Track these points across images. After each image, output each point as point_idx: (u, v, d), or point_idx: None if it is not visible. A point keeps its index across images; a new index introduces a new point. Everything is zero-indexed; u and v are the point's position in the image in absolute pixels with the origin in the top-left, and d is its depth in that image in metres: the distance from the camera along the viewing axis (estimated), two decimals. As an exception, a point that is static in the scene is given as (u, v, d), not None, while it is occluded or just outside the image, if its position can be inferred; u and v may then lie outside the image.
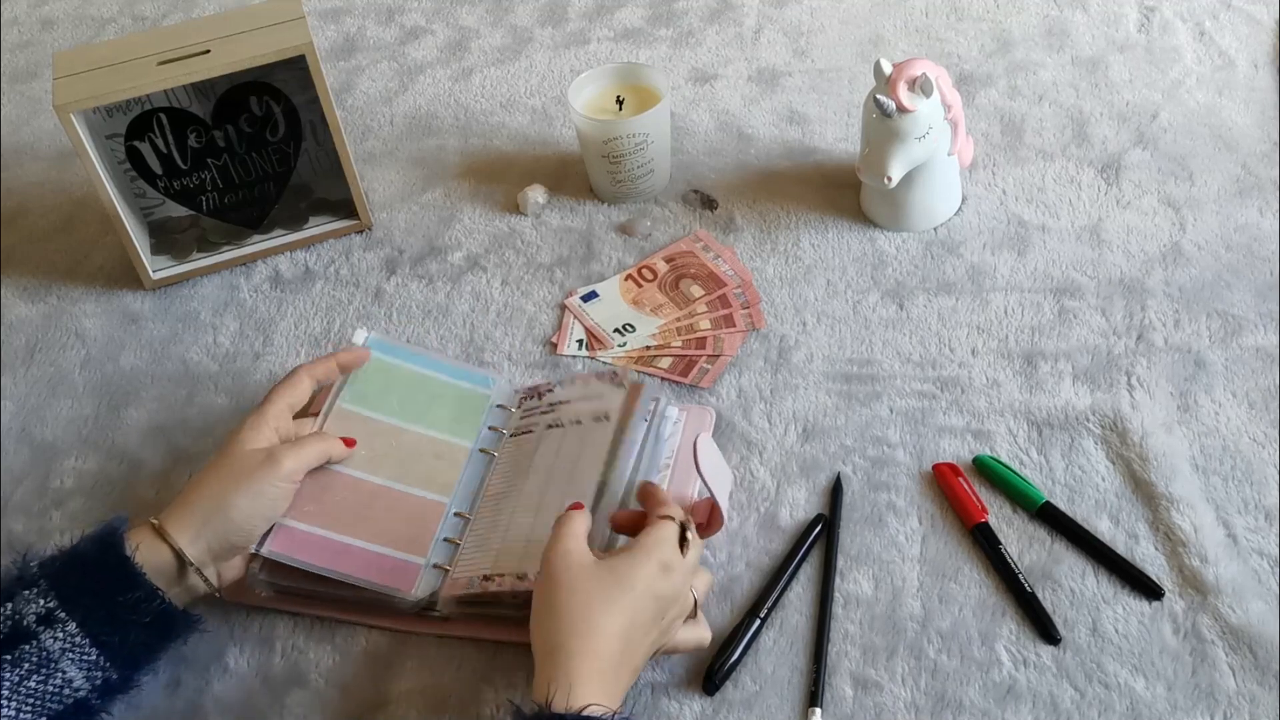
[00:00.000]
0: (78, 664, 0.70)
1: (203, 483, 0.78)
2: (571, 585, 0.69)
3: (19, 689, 0.68)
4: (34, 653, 0.69)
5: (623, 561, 0.71)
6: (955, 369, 0.95)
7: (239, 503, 0.77)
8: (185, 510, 0.77)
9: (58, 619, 0.70)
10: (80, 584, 0.72)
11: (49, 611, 0.70)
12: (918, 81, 0.98)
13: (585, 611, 0.68)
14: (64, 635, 0.70)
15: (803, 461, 0.90)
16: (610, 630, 0.68)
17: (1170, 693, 0.73)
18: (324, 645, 0.82)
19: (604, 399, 0.88)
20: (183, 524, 0.76)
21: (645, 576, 0.70)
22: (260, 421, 0.82)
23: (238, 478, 0.78)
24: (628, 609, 0.69)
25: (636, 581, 0.70)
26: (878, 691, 0.76)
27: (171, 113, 1.09)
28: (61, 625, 0.70)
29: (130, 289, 1.13)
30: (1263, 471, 0.85)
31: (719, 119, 1.25)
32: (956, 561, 0.82)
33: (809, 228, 1.10)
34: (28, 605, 0.70)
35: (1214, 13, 1.31)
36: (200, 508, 0.77)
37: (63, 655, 0.69)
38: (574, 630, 0.67)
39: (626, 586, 0.69)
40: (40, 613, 0.70)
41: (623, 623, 0.68)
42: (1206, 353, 0.93)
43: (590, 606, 0.68)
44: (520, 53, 1.40)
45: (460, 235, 1.15)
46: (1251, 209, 1.06)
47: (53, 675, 0.69)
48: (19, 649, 0.68)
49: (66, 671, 0.69)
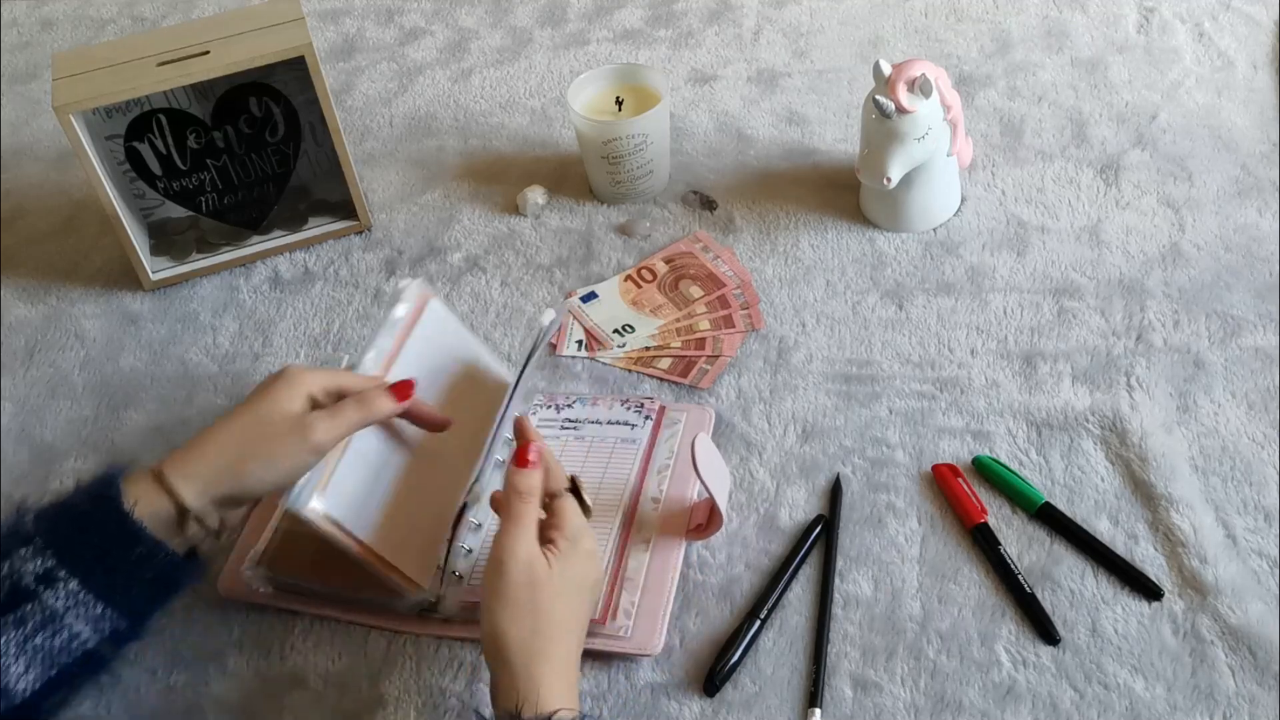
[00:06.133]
0: (83, 618, 0.67)
1: (221, 436, 0.73)
2: (533, 596, 0.69)
3: (25, 646, 0.66)
4: (37, 611, 0.66)
5: (561, 564, 0.71)
6: (954, 369, 0.95)
7: (254, 468, 0.72)
8: (196, 459, 0.72)
9: (58, 578, 0.67)
10: (79, 541, 0.68)
11: (48, 571, 0.67)
12: (917, 82, 0.98)
13: (547, 622, 0.69)
14: (66, 593, 0.67)
15: (802, 462, 0.90)
16: (567, 633, 0.70)
17: (1170, 693, 0.73)
18: (323, 645, 0.82)
19: (634, 429, 0.91)
20: (190, 474, 0.71)
21: (579, 573, 0.72)
22: (300, 380, 0.75)
23: (260, 440, 0.73)
24: (576, 609, 0.71)
25: (577, 581, 0.72)
26: (877, 692, 0.76)
27: (171, 114, 1.09)
28: (63, 584, 0.67)
29: (129, 290, 1.13)
30: (1262, 472, 0.85)
31: (718, 120, 1.26)
32: (956, 562, 0.82)
33: (808, 228, 1.10)
34: (25, 564, 0.67)
35: (1213, 13, 1.31)
36: (213, 462, 0.72)
37: (67, 611, 0.67)
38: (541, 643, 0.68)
39: (573, 589, 0.71)
40: (39, 572, 0.67)
41: (576, 623, 0.71)
42: (1206, 353, 0.93)
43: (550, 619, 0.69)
44: (520, 54, 1.40)
45: (460, 236, 1.15)
46: (1251, 210, 1.06)
47: (59, 631, 0.67)
48: (21, 608, 0.66)
49: (73, 626, 0.67)
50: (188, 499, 0.71)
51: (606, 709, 0.76)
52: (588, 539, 0.74)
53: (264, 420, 0.73)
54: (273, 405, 0.74)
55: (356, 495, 0.78)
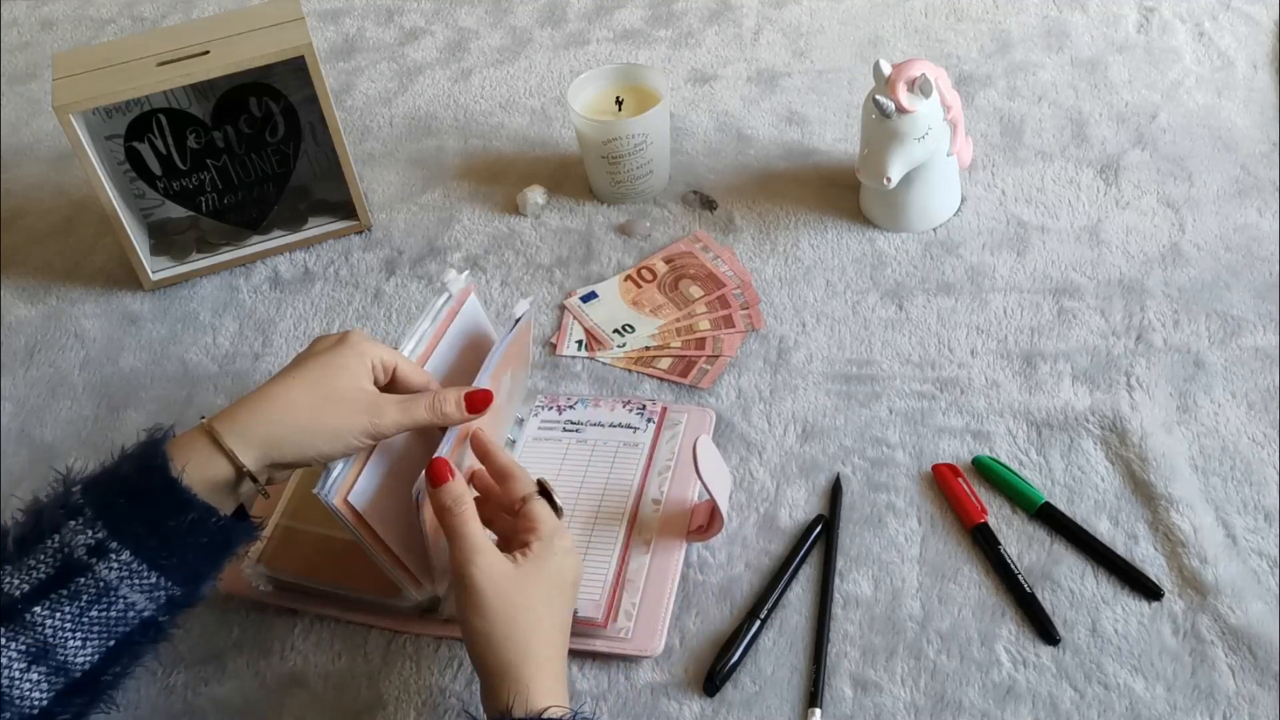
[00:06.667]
0: (138, 588, 0.66)
1: (288, 398, 0.70)
2: (505, 602, 0.68)
3: (81, 620, 0.65)
4: (91, 584, 0.65)
5: (535, 566, 0.70)
6: (954, 369, 0.95)
7: (319, 443, 0.70)
8: (257, 420, 0.69)
9: (109, 549, 0.65)
10: (129, 511, 0.66)
11: (99, 542, 0.65)
12: (917, 82, 0.98)
13: (526, 625, 0.68)
14: (119, 564, 0.65)
15: (802, 462, 0.90)
16: (551, 631, 0.69)
17: (1170, 693, 0.73)
18: (323, 645, 0.82)
19: (636, 433, 0.90)
20: (248, 434, 0.68)
21: (556, 572, 0.71)
22: (367, 351, 0.73)
23: (329, 414, 0.70)
24: (556, 606, 0.70)
25: (555, 579, 0.71)
26: (877, 692, 0.76)
27: (171, 114, 1.09)
28: (115, 554, 0.65)
29: (129, 290, 1.13)
30: (1262, 472, 0.85)
31: (718, 120, 1.26)
32: (956, 562, 0.82)
33: (808, 228, 1.10)
34: (76, 536, 0.65)
35: (1213, 13, 1.31)
36: (277, 426, 0.69)
37: (121, 583, 0.66)
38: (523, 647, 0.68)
39: (551, 588, 0.70)
40: (90, 544, 0.65)
41: (558, 620, 0.70)
42: (1206, 353, 0.93)
43: (529, 621, 0.69)
44: (520, 53, 1.40)
45: (460, 236, 1.15)
46: (1251, 209, 1.06)
47: (114, 603, 0.66)
48: (74, 581, 0.65)
49: (128, 596, 0.66)
50: (247, 461, 0.69)
51: (606, 709, 0.76)
52: (562, 537, 0.73)
53: (336, 391, 0.71)
54: (344, 375, 0.72)
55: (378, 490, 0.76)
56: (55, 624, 0.64)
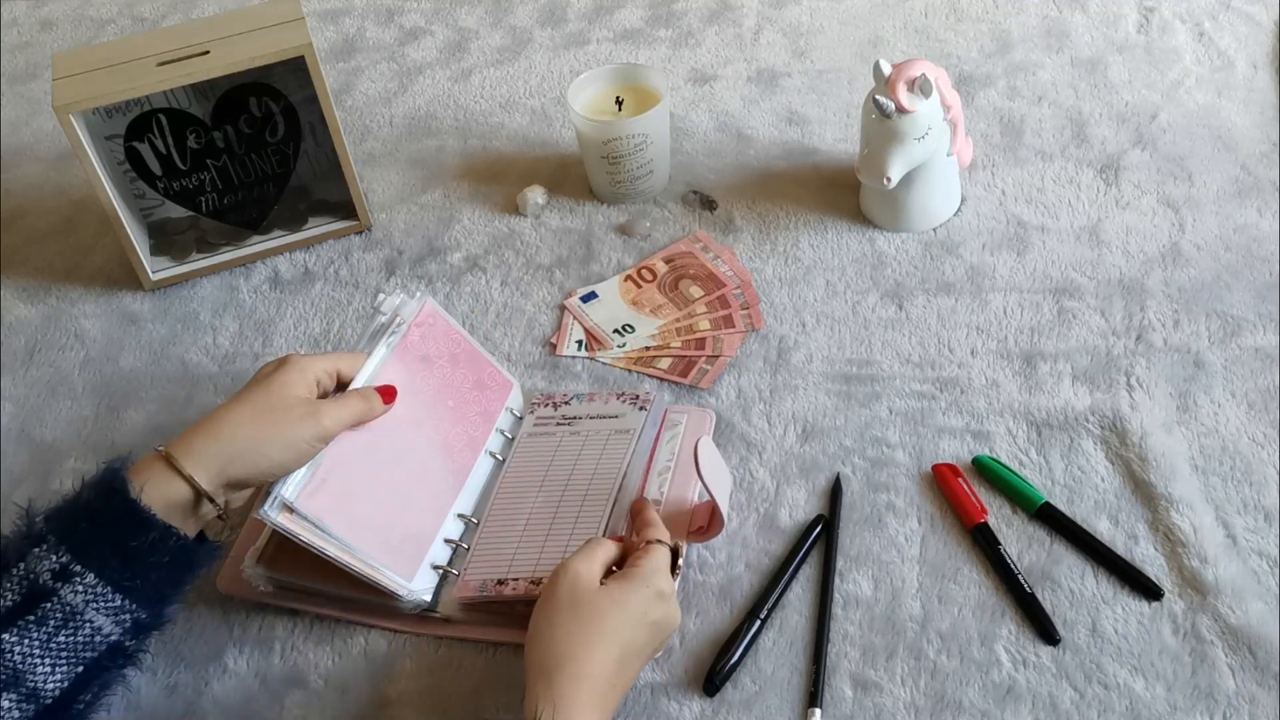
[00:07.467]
0: (103, 611, 0.68)
1: (234, 419, 0.74)
2: (574, 608, 0.70)
3: (49, 645, 0.66)
4: (57, 609, 0.67)
5: (621, 588, 0.72)
6: (954, 369, 0.95)
7: (271, 453, 0.74)
8: (209, 441, 0.73)
9: (74, 572, 0.68)
10: (90, 534, 0.69)
11: (63, 566, 0.68)
12: (917, 82, 0.98)
13: (585, 635, 0.69)
14: (84, 587, 0.68)
15: (802, 462, 0.90)
16: (607, 655, 0.69)
17: (1170, 693, 0.73)
18: (323, 646, 0.82)
19: (625, 419, 0.90)
20: (202, 456, 0.72)
21: (641, 603, 0.71)
22: (308, 366, 0.78)
23: (275, 425, 0.74)
24: (625, 635, 0.70)
25: (634, 609, 0.71)
26: (877, 692, 0.76)
27: (171, 114, 1.09)
28: (79, 578, 0.68)
29: (130, 290, 1.13)
30: (1262, 472, 0.85)
31: (718, 120, 1.26)
32: (956, 562, 0.82)
33: (808, 228, 1.10)
34: (40, 563, 0.67)
35: (1213, 13, 1.31)
36: (228, 445, 0.73)
37: (87, 606, 0.68)
38: (572, 654, 0.68)
39: (625, 614, 0.70)
40: (55, 569, 0.67)
41: (619, 649, 0.70)
42: (1206, 353, 0.93)
43: (589, 631, 0.69)
44: (520, 53, 1.40)
45: (460, 236, 1.15)
46: (1251, 209, 1.06)
47: (81, 627, 0.67)
48: (40, 607, 0.67)
49: (94, 620, 0.68)
50: (202, 479, 0.72)
51: (607, 709, 0.76)
52: (662, 583, 0.73)
53: (277, 405, 0.75)
54: (285, 390, 0.76)
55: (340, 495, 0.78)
56: (24, 650, 0.66)
